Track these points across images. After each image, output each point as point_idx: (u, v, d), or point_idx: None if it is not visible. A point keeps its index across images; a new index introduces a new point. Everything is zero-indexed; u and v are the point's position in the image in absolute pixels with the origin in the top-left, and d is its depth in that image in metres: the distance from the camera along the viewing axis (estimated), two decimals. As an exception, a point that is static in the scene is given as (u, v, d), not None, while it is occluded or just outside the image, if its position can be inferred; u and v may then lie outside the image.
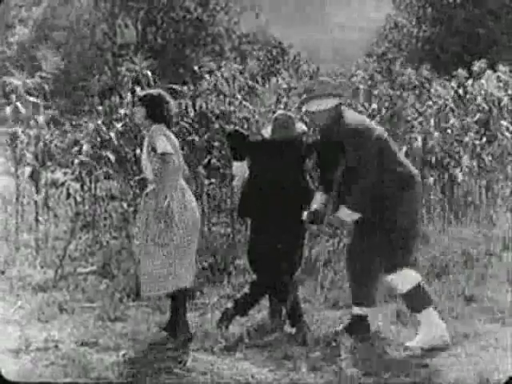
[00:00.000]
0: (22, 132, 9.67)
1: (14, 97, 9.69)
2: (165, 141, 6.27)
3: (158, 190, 6.24)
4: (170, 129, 6.50)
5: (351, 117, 6.46)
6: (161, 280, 6.25)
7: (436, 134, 11.81)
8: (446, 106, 12.32)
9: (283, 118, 6.80)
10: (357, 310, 6.59)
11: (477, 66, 13.56)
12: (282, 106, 11.27)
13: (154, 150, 6.26)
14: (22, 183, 9.78)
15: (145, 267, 6.29)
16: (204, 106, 10.86)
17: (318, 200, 6.43)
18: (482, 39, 29.21)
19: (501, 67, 13.72)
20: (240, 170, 6.81)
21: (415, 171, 6.48)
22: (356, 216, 6.31)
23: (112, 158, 10.30)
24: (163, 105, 6.45)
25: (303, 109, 6.68)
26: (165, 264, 6.23)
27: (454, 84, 13.13)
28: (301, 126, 6.92)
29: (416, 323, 6.75)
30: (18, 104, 9.64)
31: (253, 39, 30.25)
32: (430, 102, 12.32)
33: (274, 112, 9.79)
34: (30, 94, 9.77)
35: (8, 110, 9.64)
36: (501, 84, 13.14)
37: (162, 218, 6.19)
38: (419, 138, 11.65)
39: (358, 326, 6.53)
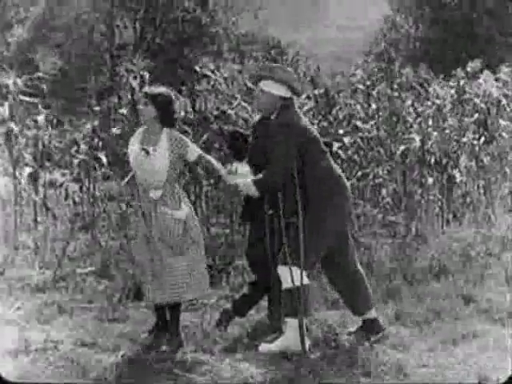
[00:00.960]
0: (20, 132, 9.66)
1: (10, 97, 9.67)
2: (193, 144, 6.18)
3: (170, 197, 6.10)
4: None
5: (302, 117, 6.43)
6: (181, 288, 6.10)
7: (434, 134, 11.81)
8: (445, 106, 12.32)
9: None
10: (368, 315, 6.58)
11: (471, 66, 13.55)
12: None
13: (181, 156, 6.10)
14: (21, 184, 9.77)
15: (164, 277, 6.10)
16: (203, 106, 10.86)
17: None
18: (479, 39, 29.22)
19: (502, 68, 13.71)
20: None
21: (346, 182, 6.46)
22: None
23: (108, 159, 10.29)
24: (174, 105, 6.23)
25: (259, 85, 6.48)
26: (184, 273, 6.09)
27: (452, 83, 13.13)
28: None
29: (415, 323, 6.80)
30: (13, 104, 9.63)
31: (251, 39, 30.22)
32: (429, 102, 12.32)
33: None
34: (26, 94, 9.76)
35: (3, 110, 9.63)
36: (499, 84, 13.14)
37: (181, 226, 6.10)
38: (417, 138, 11.65)
39: (372, 327, 6.52)
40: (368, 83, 12.66)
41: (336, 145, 10.86)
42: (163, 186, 6.08)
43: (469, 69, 13.48)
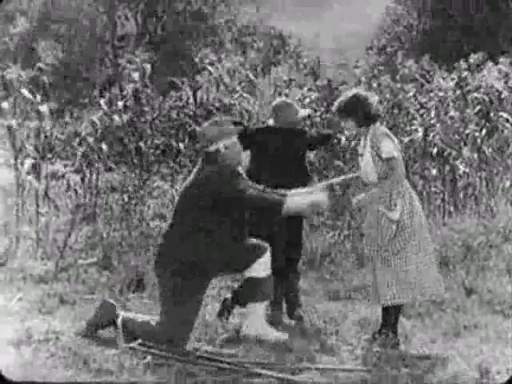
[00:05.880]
0: (20, 124, 9.64)
1: (12, 90, 9.67)
2: (390, 144, 6.10)
3: (385, 196, 6.09)
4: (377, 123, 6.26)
5: None
6: (402, 288, 6.10)
7: (437, 125, 11.80)
8: (447, 97, 12.31)
9: (282, 104, 6.87)
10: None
11: (474, 57, 13.53)
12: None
13: (378, 154, 6.08)
14: (23, 175, 9.76)
15: (381, 275, 6.13)
16: (205, 97, 10.86)
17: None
18: (481, 31, 29.17)
19: (501, 59, 13.69)
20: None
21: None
22: None
23: (111, 150, 10.30)
24: (365, 104, 6.18)
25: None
26: (397, 272, 6.08)
27: (454, 76, 13.11)
28: (303, 111, 6.98)
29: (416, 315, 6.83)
30: (16, 96, 9.63)
31: (253, 30, 30.19)
32: (431, 94, 12.31)
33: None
34: (29, 86, 9.75)
35: (6, 103, 9.63)
36: (501, 76, 13.12)
37: (394, 226, 6.06)
38: (420, 130, 11.65)
39: None
40: (370, 75, 12.65)
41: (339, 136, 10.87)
42: (378, 183, 6.11)
43: (471, 61, 13.46)
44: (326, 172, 11.22)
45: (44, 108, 9.73)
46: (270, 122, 7.00)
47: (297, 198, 6.09)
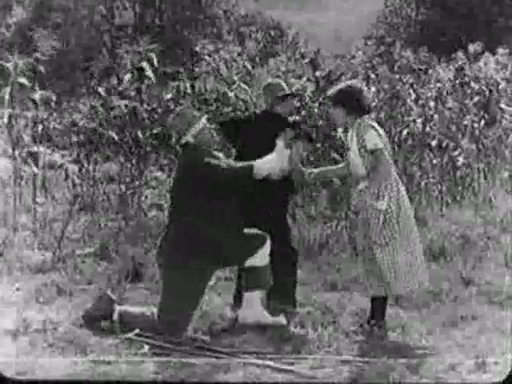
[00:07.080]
0: (17, 114, 9.62)
1: (9, 79, 9.65)
2: (374, 135, 6.12)
3: (373, 188, 6.09)
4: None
5: None
6: (386, 281, 6.14)
7: (435, 116, 11.79)
8: (445, 88, 12.29)
9: (265, 84, 6.91)
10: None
11: (472, 48, 13.51)
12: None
13: (363, 146, 6.10)
14: (20, 165, 9.75)
15: (370, 267, 6.18)
16: (202, 87, 10.84)
17: None
18: (480, 21, 29.14)
19: (500, 50, 13.68)
20: None
21: None
22: None
23: (108, 140, 10.30)
24: (359, 95, 6.21)
25: None
26: (388, 264, 6.11)
27: (452, 66, 13.09)
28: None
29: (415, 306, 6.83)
30: (13, 86, 9.61)
31: (251, 21, 30.16)
32: (429, 85, 12.29)
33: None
34: (26, 76, 9.72)
35: (3, 92, 9.61)
36: (499, 66, 13.11)
37: (381, 217, 6.07)
38: (418, 121, 11.63)
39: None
40: (368, 66, 12.62)
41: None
42: (367, 177, 6.11)
43: (471, 49, 13.45)
44: (322, 164, 11.18)
45: (40, 97, 9.71)
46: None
47: (264, 160, 6.09)
